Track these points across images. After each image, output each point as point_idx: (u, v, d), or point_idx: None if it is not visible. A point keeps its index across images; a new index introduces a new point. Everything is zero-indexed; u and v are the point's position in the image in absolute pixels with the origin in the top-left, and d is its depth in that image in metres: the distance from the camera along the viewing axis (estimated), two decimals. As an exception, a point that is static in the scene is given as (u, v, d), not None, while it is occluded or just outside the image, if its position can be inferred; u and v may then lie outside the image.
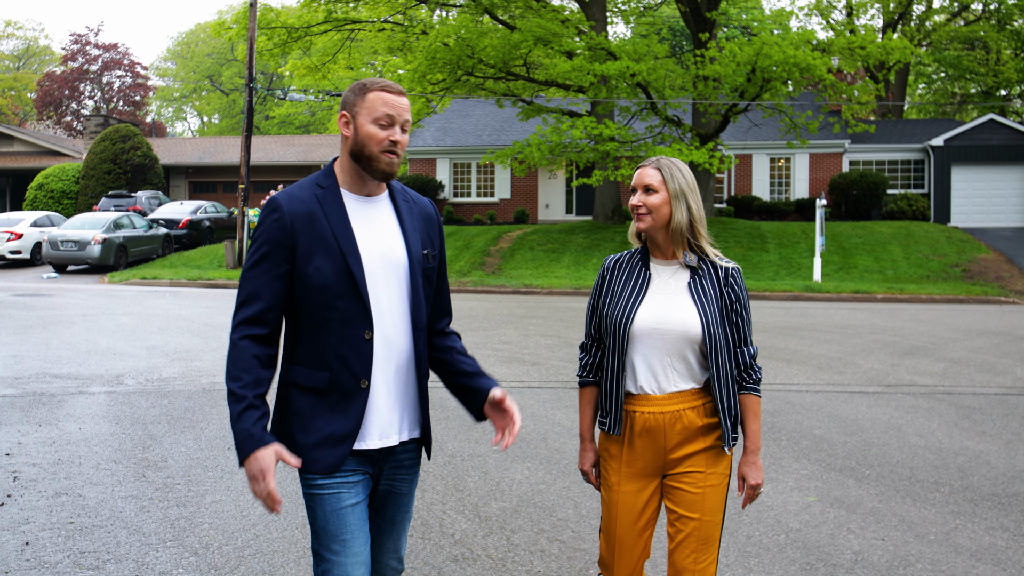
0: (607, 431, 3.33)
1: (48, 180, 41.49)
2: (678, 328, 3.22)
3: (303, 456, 2.89)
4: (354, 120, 2.97)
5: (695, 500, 3.22)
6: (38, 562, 4.83)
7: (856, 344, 13.25)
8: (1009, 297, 22.23)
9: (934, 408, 9.02)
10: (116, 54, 70.85)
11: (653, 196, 3.27)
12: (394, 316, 2.96)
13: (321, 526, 2.91)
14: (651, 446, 3.25)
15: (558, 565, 4.92)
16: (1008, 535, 5.52)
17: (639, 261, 3.36)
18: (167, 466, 6.65)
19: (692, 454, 3.24)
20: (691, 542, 3.20)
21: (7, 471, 6.46)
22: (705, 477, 3.23)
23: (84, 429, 7.69)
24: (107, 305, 17.56)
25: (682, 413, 3.22)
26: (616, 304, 3.30)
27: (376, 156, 2.94)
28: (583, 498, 6.03)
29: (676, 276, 3.30)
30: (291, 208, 2.91)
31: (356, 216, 2.98)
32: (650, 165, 3.33)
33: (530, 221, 37.41)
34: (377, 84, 2.97)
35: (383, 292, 2.94)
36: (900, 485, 6.49)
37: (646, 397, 3.24)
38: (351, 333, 2.89)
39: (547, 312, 17.31)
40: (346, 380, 2.89)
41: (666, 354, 3.23)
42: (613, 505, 3.30)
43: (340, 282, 2.88)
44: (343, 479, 2.91)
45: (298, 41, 30.91)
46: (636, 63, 26.53)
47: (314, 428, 2.89)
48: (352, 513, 2.91)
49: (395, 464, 3.05)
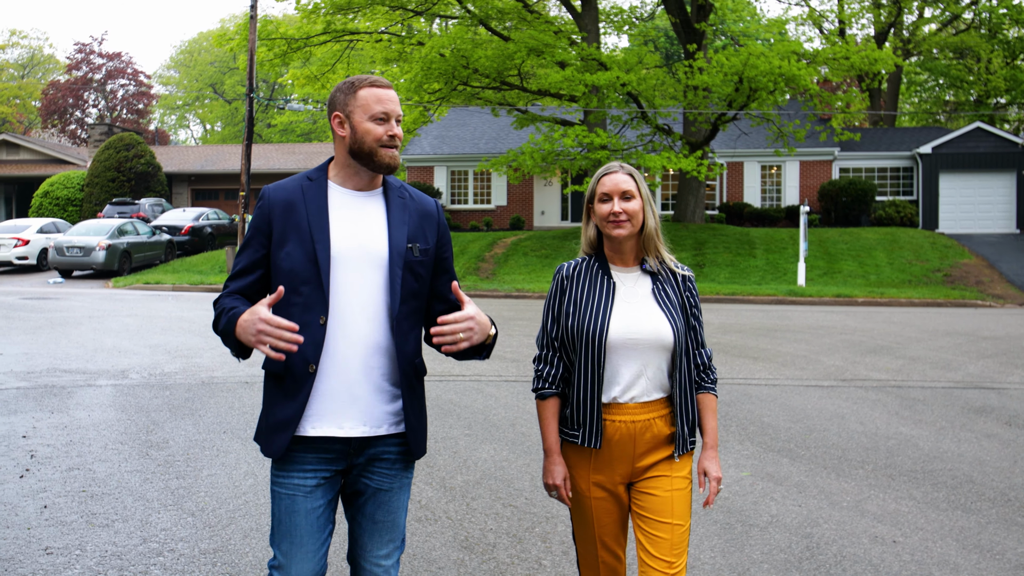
0: (581, 444, 3.28)
1: (53, 188, 42.29)
2: (651, 337, 3.23)
3: (263, 440, 3.03)
4: (349, 119, 3.04)
5: (664, 505, 3.23)
6: (56, 521, 5.55)
7: (824, 343, 13.94)
8: (986, 301, 22.90)
9: (880, 400, 9.71)
10: (120, 63, 71.70)
11: (632, 202, 3.27)
12: (364, 306, 3.00)
13: (276, 521, 3.03)
14: (621, 455, 3.26)
15: (508, 524, 5.63)
16: (913, 503, 6.23)
17: (599, 269, 3.34)
18: (168, 447, 7.36)
19: (658, 461, 3.27)
20: (662, 546, 3.20)
21: (24, 450, 7.17)
22: (671, 482, 3.25)
23: (92, 416, 8.40)
24: (112, 308, 18.30)
25: (652, 422, 3.25)
26: (584, 314, 3.26)
27: (377, 151, 3.02)
28: (540, 473, 6.73)
29: (639, 283, 3.32)
30: (274, 196, 3.06)
31: (339, 208, 3.06)
32: (620, 171, 3.32)
33: (526, 227, 38.14)
34: (366, 81, 3.05)
35: (355, 282, 2.99)
36: (829, 463, 7.19)
37: (619, 406, 3.24)
38: (309, 319, 2.95)
39: (534, 315, 18.01)
40: (297, 364, 2.95)
41: (640, 363, 3.24)
42: (587, 511, 3.30)
43: (306, 268, 2.97)
44: (301, 480, 2.99)
45: (298, 52, 31.70)
46: (626, 73, 27.31)
47: (272, 413, 3.00)
48: (306, 517, 2.98)
49: (373, 458, 3.05)
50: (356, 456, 3.02)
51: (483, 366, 11.14)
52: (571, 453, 3.33)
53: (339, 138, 3.08)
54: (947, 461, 7.33)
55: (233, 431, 7.87)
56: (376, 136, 3.00)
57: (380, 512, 3.08)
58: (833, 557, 5.20)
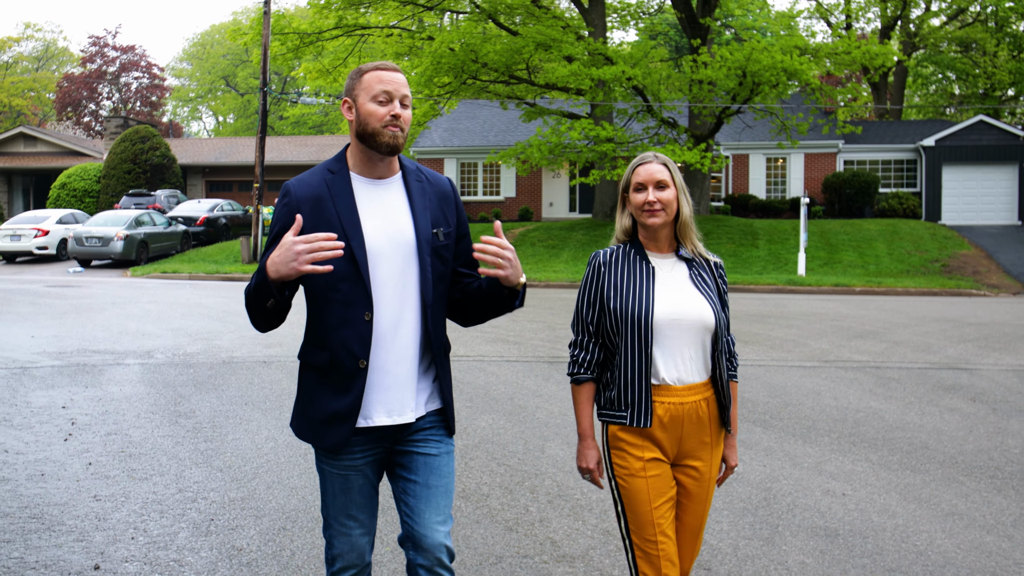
0: (631, 424, 3.31)
1: (71, 179, 43.12)
2: (695, 318, 3.30)
3: (312, 431, 3.09)
4: (355, 103, 3.09)
5: (698, 490, 3.34)
6: (101, 475, 6.26)
7: (814, 329, 14.59)
8: (981, 290, 23.50)
9: (857, 379, 10.37)
10: (133, 56, 72.52)
11: (666, 192, 3.33)
12: (401, 296, 3.06)
13: (329, 500, 3.15)
14: (670, 436, 3.30)
15: (501, 479, 6.33)
16: (868, 464, 6.90)
17: (636, 256, 3.40)
18: (195, 416, 8.08)
19: (699, 445, 3.34)
20: (687, 530, 3.34)
21: (66, 418, 7.89)
22: (709, 468, 3.36)
23: (124, 390, 9.12)
24: (133, 295, 19.05)
25: (698, 404, 3.32)
26: (628, 297, 3.31)
27: (379, 131, 3.04)
28: (533, 439, 7.42)
29: (675, 269, 3.38)
30: (299, 192, 3.07)
31: (364, 199, 3.09)
32: (655, 161, 3.38)
33: (534, 219, 38.80)
34: (372, 65, 3.09)
35: (388, 273, 3.04)
36: (798, 432, 7.87)
37: (667, 388, 3.29)
38: (352, 315, 3.00)
39: (539, 302, 18.68)
40: (345, 360, 3.01)
41: (684, 345, 3.30)
42: (641, 491, 3.29)
43: (342, 265, 2.98)
44: (351, 462, 3.10)
45: (310, 46, 32.37)
46: (632, 68, 27.94)
47: (320, 406, 3.06)
48: (359, 493, 3.14)
49: (417, 430, 3.15)
50: (400, 433, 3.13)
51: (487, 348, 11.81)
52: (621, 435, 3.34)
53: (349, 123, 3.13)
54: (908, 431, 7.99)
55: (254, 403, 8.58)
56: (378, 116, 3.04)
57: (433, 477, 3.12)
58: (786, 506, 5.88)
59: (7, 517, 5.41)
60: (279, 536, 5.19)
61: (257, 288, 2.95)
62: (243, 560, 4.84)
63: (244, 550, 4.98)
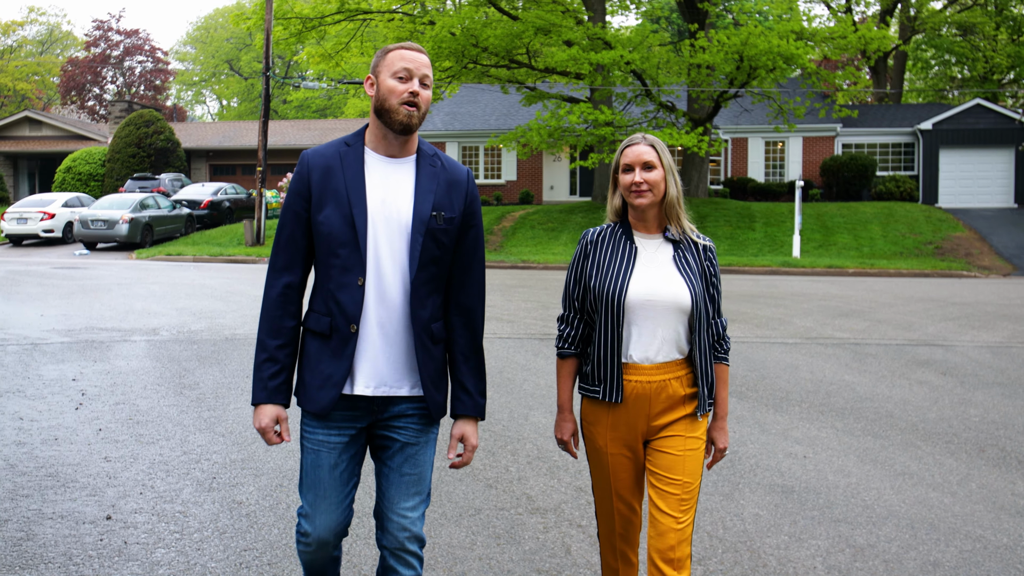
0: (602, 399, 3.42)
1: (76, 163, 43.54)
2: (669, 300, 3.35)
3: (307, 396, 3.18)
4: (377, 80, 3.16)
5: (677, 463, 3.35)
6: (110, 440, 6.70)
7: (801, 308, 14.99)
8: (972, 272, 23.88)
9: (835, 354, 10.78)
10: (137, 39, 72.89)
11: (653, 172, 3.39)
12: (392, 270, 3.14)
13: (303, 473, 3.24)
14: (637, 413, 3.39)
15: (484, 443, 6.75)
16: (832, 431, 7.32)
17: (623, 235, 3.47)
18: (199, 387, 8.51)
19: (673, 421, 3.39)
20: (673, 503, 3.32)
21: (76, 390, 8.33)
22: (685, 441, 3.37)
23: (131, 364, 9.55)
24: (138, 276, 19.49)
25: (668, 383, 3.37)
26: (606, 276, 3.40)
27: (395, 108, 3.10)
28: (518, 408, 7.84)
29: (660, 250, 3.44)
30: (312, 161, 3.19)
31: (374, 173, 3.17)
32: (642, 143, 3.44)
33: (535, 202, 39.19)
34: (397, 45, 3.18)
35: (385, 246, 3.13)
36: (771, 402, 8.28)
37: (636, 367, 3.37)
38: (348, 279, 3.11)
39: (535, 283, 19.11)
40: (342, 324, 3.11)
41: (657, 325, 3.36)
42: (605, 466, 3.45)
43: (344, 231, 3.10)
44: (326, 438, 3.19)
45: (312, 31, 32.72)
46: (630, 52, 28.27)
47: (318, 371, 3.14)
48: (329, 472, 3.19)
49: (397, 415, 3.20)
50: (380, 413, 3.18)
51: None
52: (592, 409, 3.48)
53: (371, 100, 3.19)
54: (876, 401, 8.41)
55: (255, 376, 9.00)
56: (396, 93, 3.09)
57: (407, 465, 3.20)
58: (749, 467, 6.30)
59: (25, 475, 5.84)
60: (276, 492, 5.62)
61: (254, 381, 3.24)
62: (242, 512, 5.27)
63: (244, 503, 5.41)
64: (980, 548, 4.95)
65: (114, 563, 4.53)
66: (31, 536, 4.85)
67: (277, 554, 4.68)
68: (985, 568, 4.69)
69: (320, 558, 3.27)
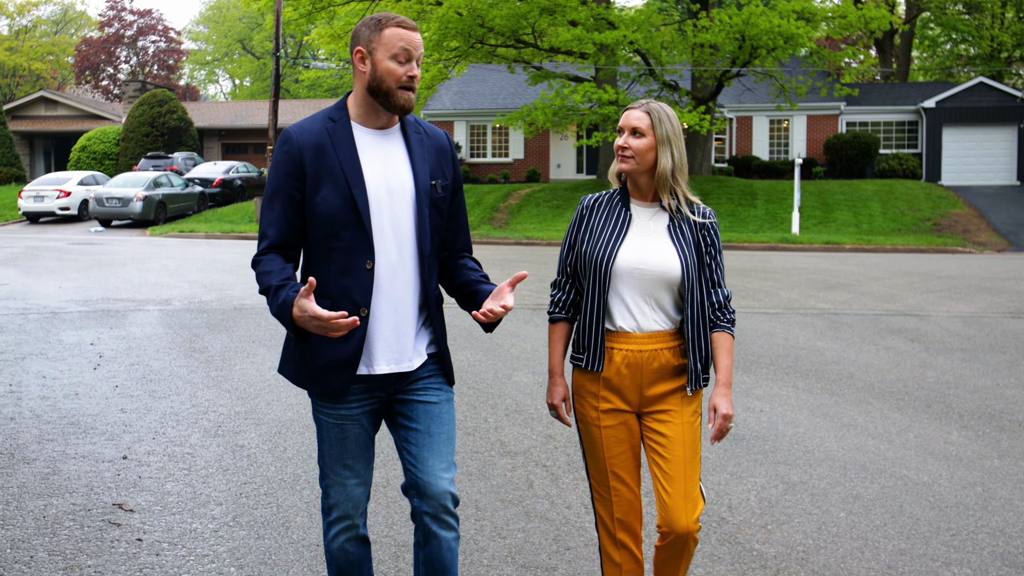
0: (584, 367, 3.41)
1: (90, 142, 44.27)
2: (658, 269, 3.32)
3: (312, 379, 3.10)
4: (371, 56, 3.02)
5: (674, 437, 3.33)
6: (126, 395, 7.33)
7: (790, 281, 15.53)
8: (967, 247, 24.35)
9: (812, 323, 11.34)
10: (150, 19, 73.51)
11: (640, 140, 3.34)
12: (399, 245, 3.07)
13: (326, 449, 3.16)
14: (629, 383, 3.36)
15: (468, 399, 7.35)
16: (793, 390, 7.90)
17: (619, 201, 3.44)
18: (207, 351, 9.13)
19: (667, 393, 3.36)
20: (677, 478, 3.30)
21: (94, 352, 8.96)
22: (681, 414, 3.35)
23: (145, 331, 10.18)
24: (152, 252, 20.16)
25: (659, 352, 3.34)
26: (596, 243, 3.37)
27: (394, 92, 3.02)
28: (503, 368, 8.44)
29: (655, 218, 3.40)
30: (300, 139, 3.04)
31: (365, 148, 3.08)
32: (639, 108, 3.39)
33: (542, 180, 39.71)
34: (392, 20, 3.02)
35: (388, 222, 3.05)
36: (740, 365, 8.85)
37: (625, 335, 3.34)
38: (353, 263, 3.01)
39: (536, 258, 19.68)
40: (347, 308, 3.00)
41: (646, 294, 3.34)
42: (596, 439, 3.39)
43: (345, 212, 3.00)
44: (347, 411, 3.11)
45: (322, 11, 33.24)
46: (634, 32, 28.72)
47: (320, 353, 3.06)
48: (355, 442, 3.14)
49: (416, 379, 3.16)
50: (398, 382, 3.15)
51: (476, 296, 12.80)
52: (581, 380, 3.45)
53: (359, 73, 3.07)
54: (841, 364, 8.98)
55: (260, 341, 9.62)
56: (396, 76, 3.00)
57: (435, 424, 3.15)
58: (704, 420, 6.87)
59: (49, 424, 6.48)
60: (275, 438, 6.24)
61: (280, 320, 3.00)
62: (244, 454, 5.89)
63: (245, 447, 6.03)
64: (900, 485, 5.53)
65: (130, 493, 5.15)
66: (56, 472, 5.48)
67: (273, 487, 5.30)
68: (899, 500, 5.27)
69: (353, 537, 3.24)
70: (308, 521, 4.81)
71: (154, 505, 4.99)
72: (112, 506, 4.95)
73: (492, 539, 4.65)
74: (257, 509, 4.96)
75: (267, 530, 4.69)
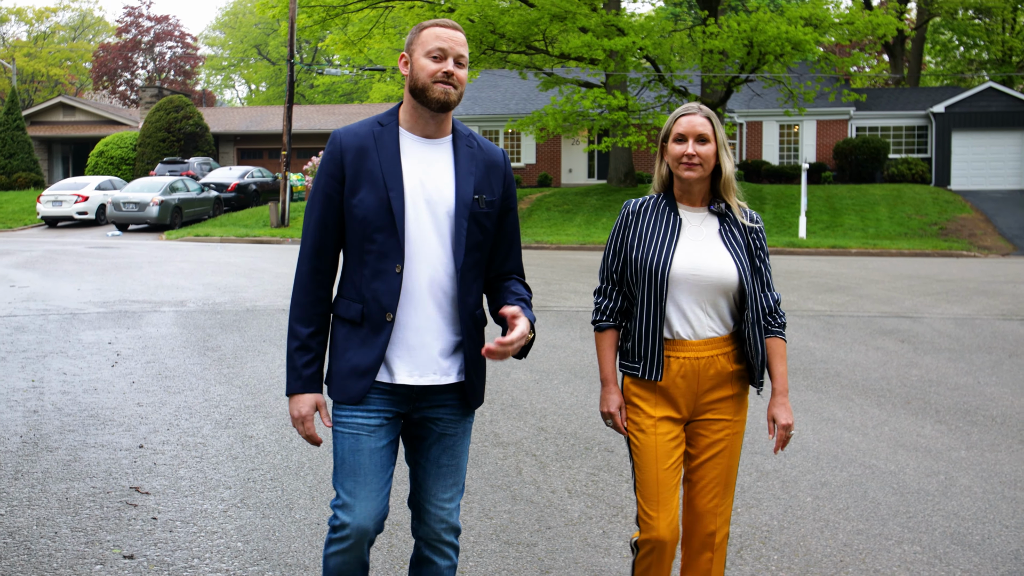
0: (642, 377, 3.35)
1: (108, 147, 44.92)
2: (715, 275, 3.27)
3: (337, 386, 3.07)
4: (411, 57, 3.06)
5: (721, 446, 3.32)
6: (142, 390, 7.73)
7: (791, 284, 15.84)
8: (972, 251, 24.61)
9: (807, 324, 11.66)
10: (167, 25, 74.23)
11: (706, 146, 3.28)
12: (434, 255, 3.04)
13: (339, 460, 3.07)
14: (686, 391, 3.31)
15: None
16: (778, 386, 8.22)
17: (666, 206, 3.38)
18: (220, 349, 9.53)
19: (721, 400, 3.33)
20: (714, 487, 3.31)
21: (112, 351, 9.37)
22: (732, 424, 3.33)
23: (160, 331, 10.59)
24: (168, 255, 20.61)
25: (715, 359, 3.29)
26: (649, 249, 3.31)
27: (429, 87, 3.00)
28: (502, 367, 8.80)
29: (705, 223, 3.36)
30: (345, 141, 3.06)
31: (410, 155, 3.07)
32: (699, 113, 3.32)
33: (553, 184, 40.12)
34: (432, 22, 3.06)
35: (426, 231, 3.03)
36: (732, 363, 9.18)
37: (682, 343, 3.29)
38: (384, 267, 2.99)
39: (544, 261, 20.04)
40: (375, 312, 3.00)
41: (703, 300, 3.29)
42: (650, 449, 3.31)
43: (380, 215, 2.98)
44: (365, 421, 3.04)
45: (336, 18, 33.73)
46: (643, 38, 29.11)
47: (344, 359, 3.04)
48: (369, 456, 3.03)
49: (438, 404, 3.10)
50: (419, 400, 3.08)
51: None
52: (635, 389, 3.40)
53: (405, 78, 3.10)
54: (829, 364, 9.31)
55: (271, 340, 10.02)
56: (430, 72, 3.00)
57: (445, 456, 3.14)
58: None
59: (70, 416, 6.88)
60: (282, 429, 6.62)
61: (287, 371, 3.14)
62: (252, 443, 6.27)
63: (254, 437, 6.42)
64: (868, 473, 5.88)
65: (146, 477, 5.54)
66: (77, 459, 5.88)
67: (278, 473, 5.68)
68: (864, 487, 5.62)
69: (352, 559, 3.11)
70: (310, 503, 5.18)
71: (168, 488, 5.37)
72: (129, 489, 5.34)
73: (479, 519, 5.02)
74: (263, 492, 5.35)
75: (272, 511, 5.07)
